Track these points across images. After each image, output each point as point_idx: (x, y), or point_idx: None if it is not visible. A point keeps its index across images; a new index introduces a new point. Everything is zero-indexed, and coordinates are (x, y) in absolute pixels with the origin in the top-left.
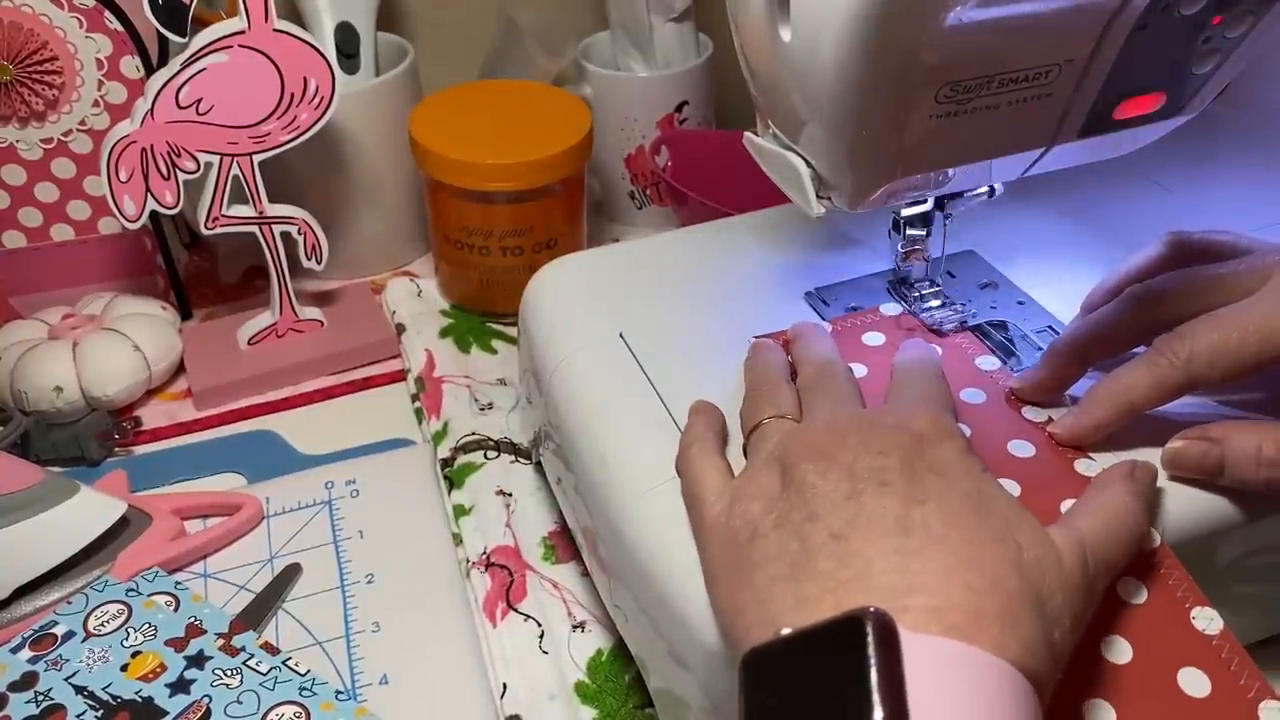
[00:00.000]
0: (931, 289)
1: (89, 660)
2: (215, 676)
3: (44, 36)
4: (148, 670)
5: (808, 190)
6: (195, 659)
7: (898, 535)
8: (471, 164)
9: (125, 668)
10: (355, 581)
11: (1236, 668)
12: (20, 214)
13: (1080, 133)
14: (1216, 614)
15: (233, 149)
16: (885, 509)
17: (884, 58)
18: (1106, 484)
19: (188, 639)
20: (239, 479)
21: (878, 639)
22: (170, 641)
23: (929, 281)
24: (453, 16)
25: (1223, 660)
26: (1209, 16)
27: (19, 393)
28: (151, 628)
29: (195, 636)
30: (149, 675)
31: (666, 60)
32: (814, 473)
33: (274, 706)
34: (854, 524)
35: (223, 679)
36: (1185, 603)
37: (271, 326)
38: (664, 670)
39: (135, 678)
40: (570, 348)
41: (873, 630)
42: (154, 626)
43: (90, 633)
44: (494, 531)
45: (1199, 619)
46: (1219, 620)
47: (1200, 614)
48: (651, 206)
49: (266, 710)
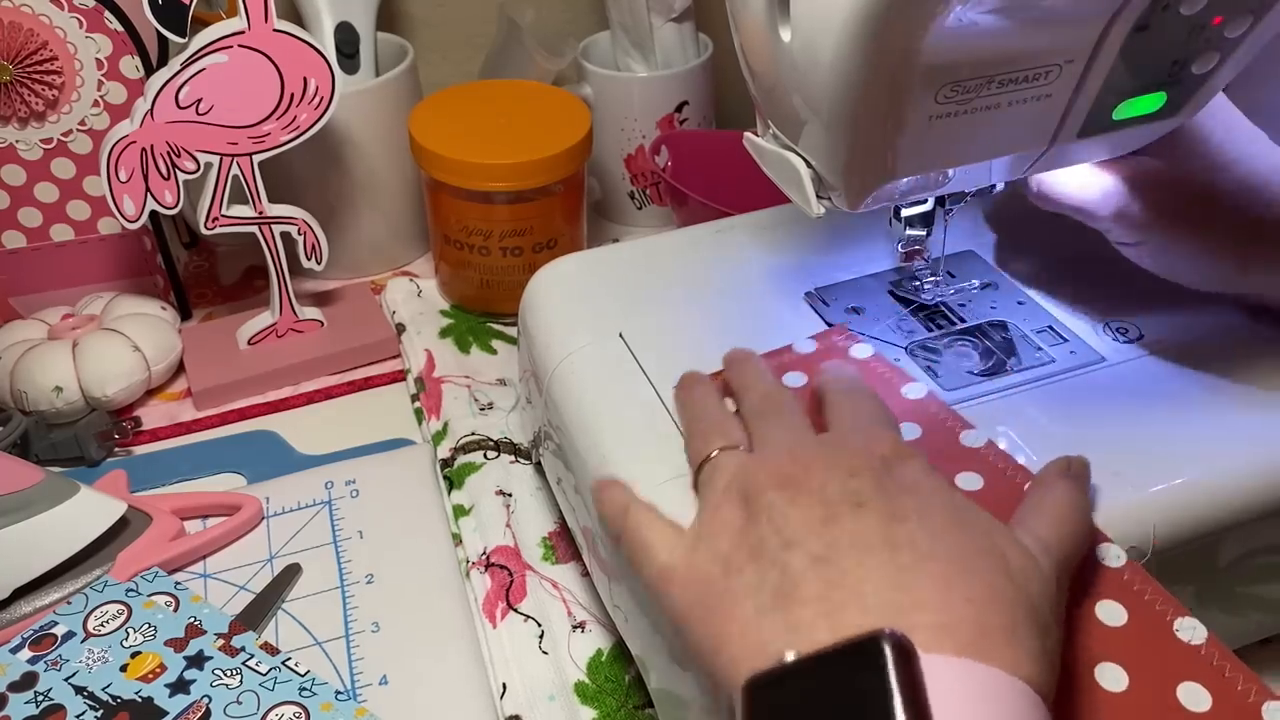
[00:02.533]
0: (933, 279)
1: (88, 660)
2: (215, 677)
3: (44, 36)
4: (147, 670)
5: (808, 190)
6: (195, 659)
7: (886, 552)
8: (471, 164)
9: (125, 668)
10: (355, 582)
11: (1231, 673)
12: (20, 214)
13: (1080, 133)
14: (1197, 621)
15: (232, 149)
16: (867, 528)
17: (884, 58)
18: (1047, 483)
19: (187, 639)
20: (239, 479)
21: (897, 659)
22: (170, 642)
23: (930, 272)
24: (453, 16)
25: (1215, 668)
26: (1209, 17)
27: (19, 393)
28: (151, 628)
29: (195, 637)
30: (149, 675)
31: (666, 60)
32: (783, 501)
33: (274, 707)
34: (836, 546)
35: (222, 679)
36: (1166, 616)
37: (271, 326)
38: (664, 670)
39: (135, 678)
40: (570, 348)
41: (891, 651)
42: (154, 627)
43: (90, 633)
44: (494, 532)
45: (1182, 630)
46: (1201, 628)
47: (1183, 625)
48: (651, 206)
49: (266, 710)
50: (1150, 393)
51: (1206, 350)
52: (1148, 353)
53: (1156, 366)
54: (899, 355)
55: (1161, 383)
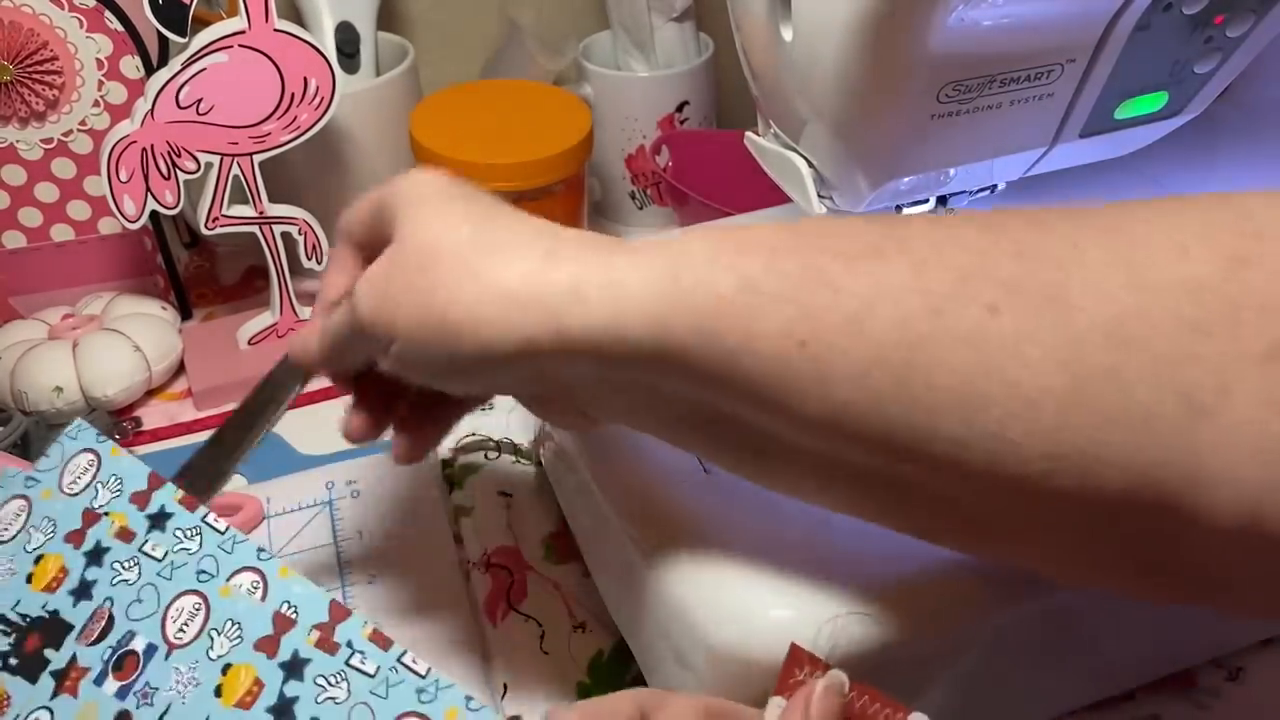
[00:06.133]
0: None
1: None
2: (114, 573)
3: (44, 36)
4: (50, 579)
5: (809, 190)
6: (93, 554)
7: None
8: (471, 164)
9: (30, 578)
10: (356, 582)
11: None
12: (20, 214)
13: (1082, 132)
14: (922, 715)
15: (233, 149)
16: None
17: (885, 57)
18: None
19: (85, 528)
20: (239, 479)
21: None
22: (70, 536)
23: None
24: (453, 16)
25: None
26: (1211, 16)
27: (19, 393)
28: (50, 522)
29: (91, 524)
30: (52, 584)
31: (667, 60)
32: None
33: (176, 598)
34: None
35: (121, 573)
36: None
37: (272, 327)
38: (665, 670)
39: (40, 589)
40: None
41: None
42: (52, 521)
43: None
44: (495, 532)
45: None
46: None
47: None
48: (652, 206)
49: (168, 604)
50: None
51: None
52: None
53: None
54: None
55: None
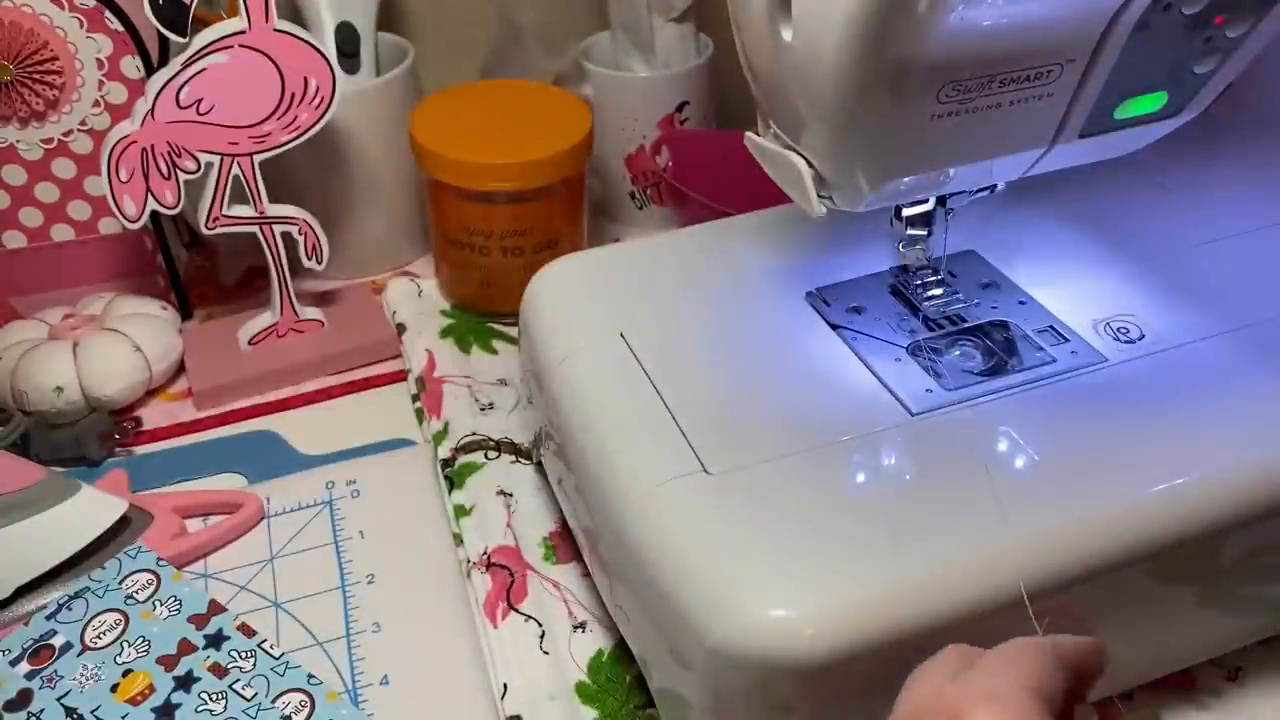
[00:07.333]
0: (934, 277)
1: (82, 678)
2: (200, 701)
3: (44, 36)
4: (136, 692)
5: (809, 190)
6: (183, 680)
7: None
8: (471, 164)
9: (115, 688)
10: (356, 582)
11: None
12: (20, 214)
13: (1082, 132)
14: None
15: (233, 149)
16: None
17: (885, 57)
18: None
19: (179, 656)
20: (240, 479)
21: None
22: (162, 659)
23: (931, 270)
24: (453, 16)
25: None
26: (1211, 16)
27: (19, 393)
28: (145, 642)
29: (186, 654)
30: (137, 698)
31: (667, 60)
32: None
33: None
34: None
35: (207, 704)
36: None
37: (272, 326)
38: (665, 670)
39: (124, 700)
40: (570, 348)
41: None
42: (148, 641)
43: (86, 645)
44: (495, 532)
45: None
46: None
47: None
48: (652, 206)
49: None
50: (1150, 393)
51: (1206, 350)
52: (1147, 353)
53: (1156, 366)
54: (900, 355)
55: (1161, 383)
